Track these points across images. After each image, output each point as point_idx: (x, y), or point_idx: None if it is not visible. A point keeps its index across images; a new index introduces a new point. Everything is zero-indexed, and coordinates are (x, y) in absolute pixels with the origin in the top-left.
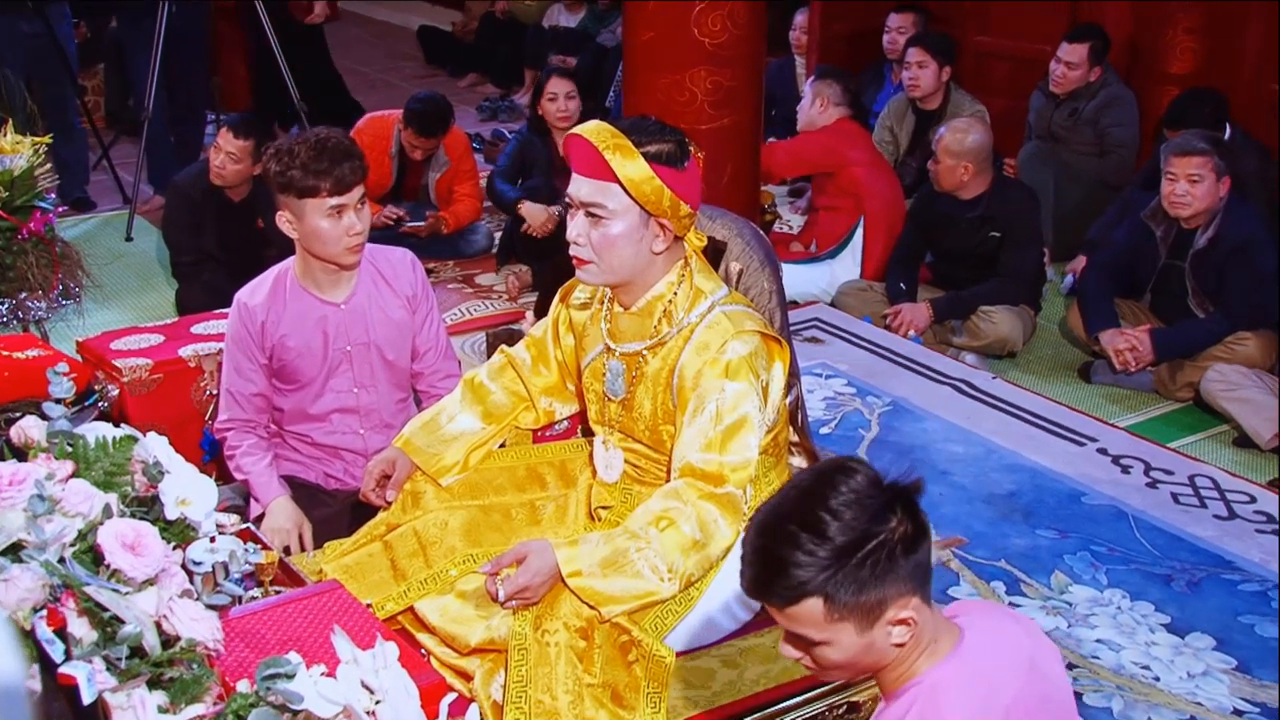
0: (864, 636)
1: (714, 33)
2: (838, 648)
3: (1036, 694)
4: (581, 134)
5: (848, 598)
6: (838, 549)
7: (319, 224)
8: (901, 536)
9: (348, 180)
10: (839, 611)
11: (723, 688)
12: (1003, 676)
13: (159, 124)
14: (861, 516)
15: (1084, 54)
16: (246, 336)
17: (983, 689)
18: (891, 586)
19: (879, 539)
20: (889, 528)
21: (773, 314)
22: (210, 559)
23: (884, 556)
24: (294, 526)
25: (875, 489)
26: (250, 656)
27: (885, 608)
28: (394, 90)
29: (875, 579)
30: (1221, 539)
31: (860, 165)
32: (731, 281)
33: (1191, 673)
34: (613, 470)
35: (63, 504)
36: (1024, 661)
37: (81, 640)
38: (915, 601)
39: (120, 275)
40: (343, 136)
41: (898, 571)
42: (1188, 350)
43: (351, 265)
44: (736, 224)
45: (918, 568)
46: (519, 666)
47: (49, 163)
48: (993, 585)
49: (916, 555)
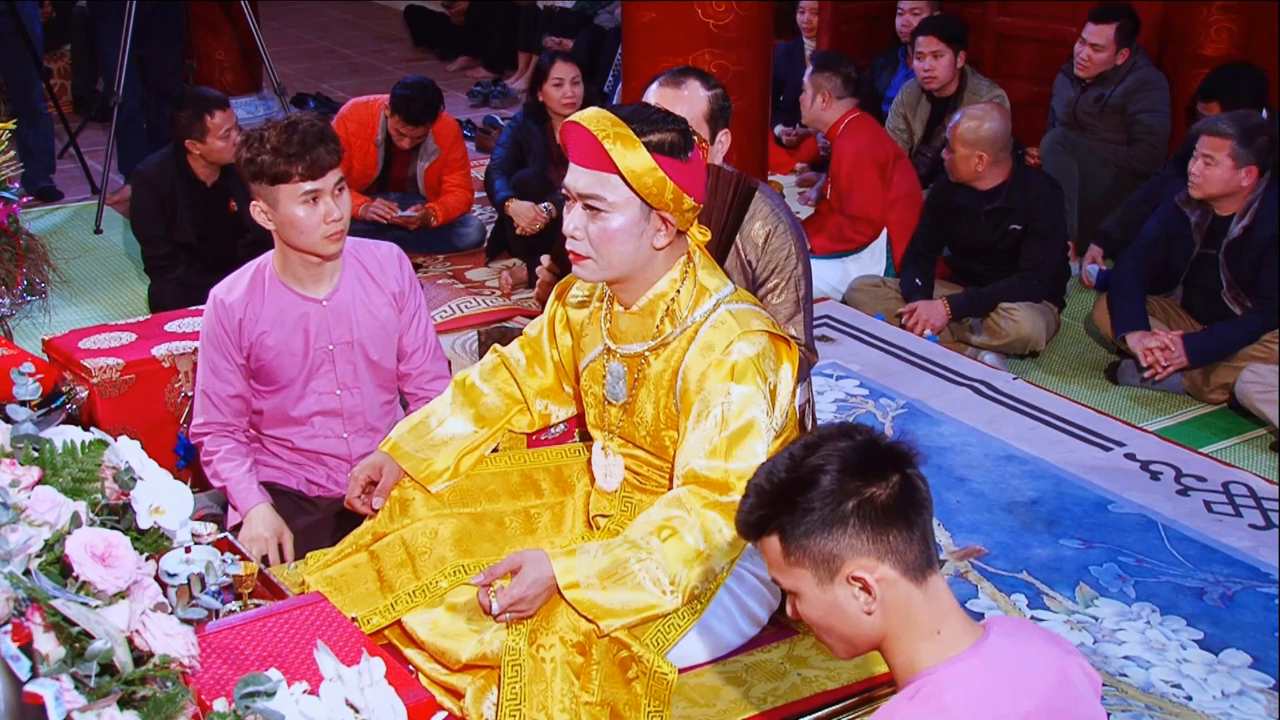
0: (825, 591)
1: (719, 14)
2: (806, 601)
3: (1062, 711)
4: (580, 122)
5: (799, 538)
6: (788, 483)
7: (294, 211)
8: (873, 497)
9: (322, 163)
10: (794, 554)
11: (728, 706)
12: (1025, 685)
13: (130, 109)
14: (845, 470)
15: (1111, 35)
16: (223, 335)
17: (999, 694)
18: (845, 540)
19: (837, 487)
20: (859, 483)
21: (798, 281)
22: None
23: (840, 507)
24: (273, 535)
25: (871, 449)
26: (228, 673)
27: (840, 562)
28: (379, 74)
29: (825, 526)
30: (1257, 550)
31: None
32: (757, 244)
33: (1226, 692)
34: (612, 478)
35: (28, 512)
36: (1051, 676)
37: (49, 657)
38: (883, 569)
39: (89, 269)
40: (316, 119)
41: (858, 528)
42: (1223, 353)
43: (332, 255)
44: (762, 186)
45: (897, 537)
46: (513, 683)
47: (12, 150)
48: (1013, 598)
49: (895, 524)
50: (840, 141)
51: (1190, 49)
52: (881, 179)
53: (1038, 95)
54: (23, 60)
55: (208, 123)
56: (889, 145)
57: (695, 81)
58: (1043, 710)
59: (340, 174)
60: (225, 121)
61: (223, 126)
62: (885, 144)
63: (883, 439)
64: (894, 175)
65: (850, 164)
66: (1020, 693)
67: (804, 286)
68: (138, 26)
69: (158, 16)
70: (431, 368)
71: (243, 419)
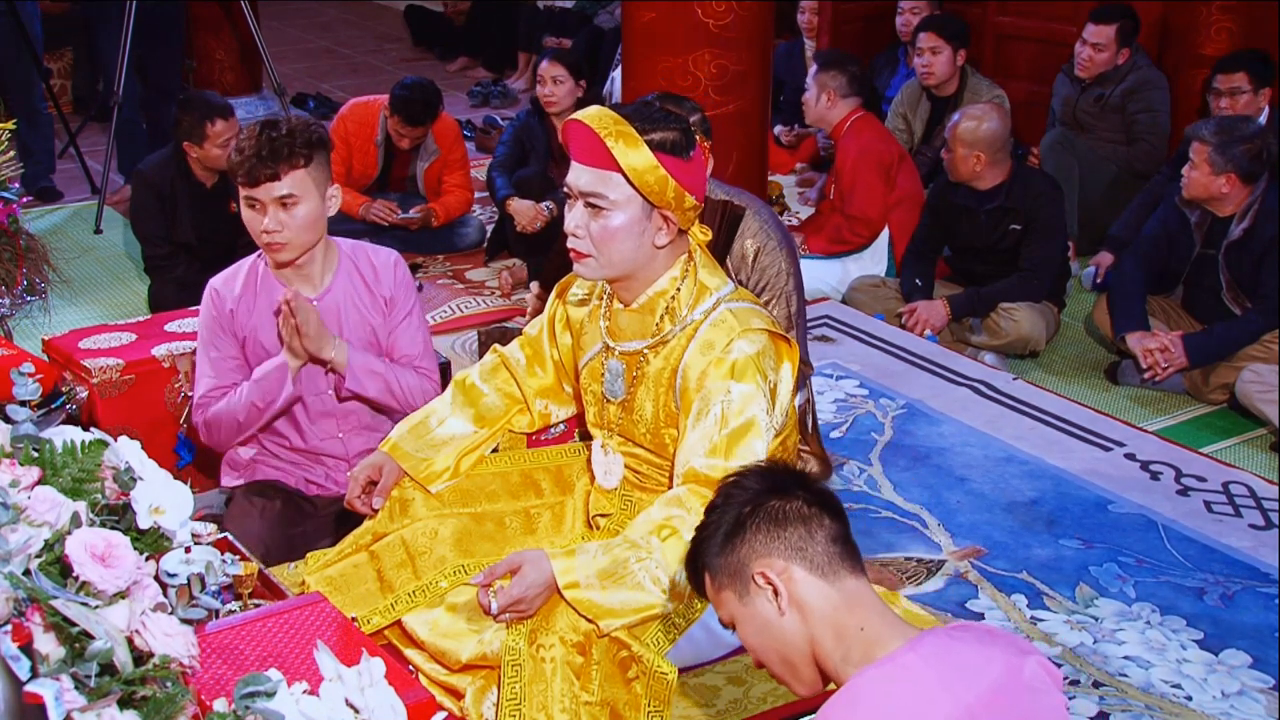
0: (746, 604)
1: (719, 13)
2: (741, 626)
3: (1007, 705)
4: (582, 120)
5: (713, 559)
6: (705, 524)
7: (243, 211)
8: (767, 503)
9: (257, 174)
10: (716, 578)
11: (728, 706)
12: (964, 680)
13: (130, 109)
14: (750, 490)
15: (1111, 35)
16: (217, 320)
17: (933, 688)
18: (745, 546)
19: (738, 504)
20: (759, 498)
21: (789, 296)
22: (186, 570)
23: (739, 515)
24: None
25: (775, 474)
26: (228, 674)
27: (746, 567)
28: (379, 74)
29: (728, 539)
30: (1257, 550)
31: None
32: (747, 261)
33: (1226, 692)
34: (612, 476)
35: (28, 513)
36: (995, 670)
37: (48, 657)
38: (786, 566)
39: (89, 270)
40: (300, 128)
41: (754, 530)
42: (1223, 353)
43: (277, 265)
44: (755, 203)
45: (795, 534)
46: (513, 683)
47: (12, 150)
48: (1013, 598)
49: (792, 524)
50: (845, 141)
51: (1190, 49)
52: (884, 180)
53: (1038, 95)
54: (23, 60)
55: (208, 129)
56: (893, 146)
57: (672, 109)
58: (986, 703)
59: (291, 192)
60: (226, 130)
61: (223, 135)
62: (890, 145)
63: (788, 466)
64: (897, 176)
65: (853, 164)
66: (960, 687)
67: (795, 301)
68: (137, 26)
69: (157, 16)
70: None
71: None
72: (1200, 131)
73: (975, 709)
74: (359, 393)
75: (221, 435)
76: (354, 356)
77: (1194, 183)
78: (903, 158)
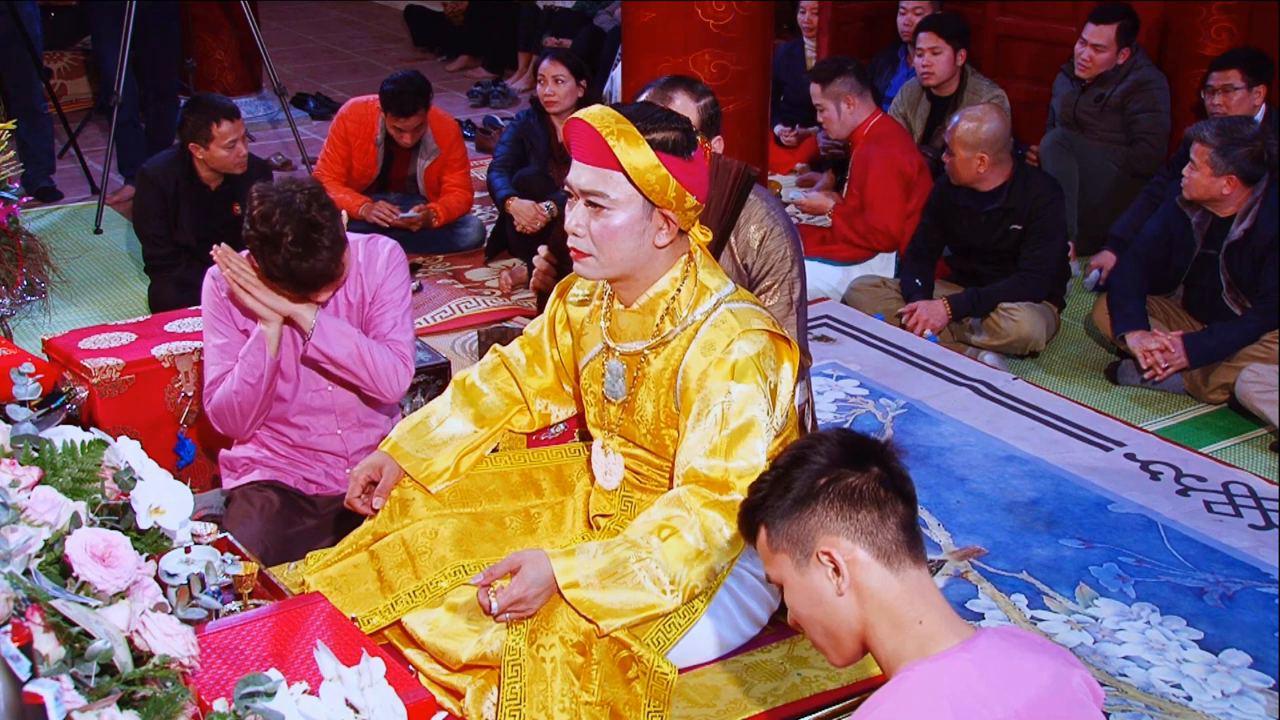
0: (803, 574)
1: (719, 14)
2: (790, 590)
3: (1056, 714)
4: (584, 119)
5: (777, 520)
6: (785, 466)
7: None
8: (845, 478)
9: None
10: (774, 539)
11: (728, 706)
12: (1015, 686)
13: (130, 109)
14: (830, 456)
15: (1111, 35)
16: (218, 307)
17: (985, 691)
18: (814, 518)
19: (817, 469)
20: (837, 468)
21: (793, 283)
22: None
23: (813, 484)
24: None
25: (856, 442)
26: (228, 674)
27: (812, 540)
28: (379, 74)
29: (798, 505)
30: (1257, 550)
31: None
32: (752, 247)
33: (1226, 692)
34: (612, 476)
35: (28, 513)
36: (1044, 678)
37: (48, 657)
38: (852, 549)
39: (89, 270)
40: (325, 256)
41: (827, 505)
42: (1223, 353)
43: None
44: (759, 190)
45: (867, 518)
46: (513, 683)
47: (12, 150)
48: (1013, 598)
49: (865, 506)
50: (866, 148)
51: (1190, 49)
52: (905, 193)
53: (1037, 95)
54: (23, 60)
55: (214, 130)
56: (915, 157)
57: (683, 93)
58: (1034, 711)
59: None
60: (232, 132)
61: (228, 136)
62: (913, 156)
63: (870, 437)
64: (915, 188)
65: (877, 174)
66: (1010, 692)
67: (798, 289)
68: (136, 26)
69: (156, 15)
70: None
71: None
72: (1201, 133)
73: (1022, 715)
74: (326, 351)
75: (227, 421)
76: (324, 316)
77: (1195, 184)
78: (922, 169)
